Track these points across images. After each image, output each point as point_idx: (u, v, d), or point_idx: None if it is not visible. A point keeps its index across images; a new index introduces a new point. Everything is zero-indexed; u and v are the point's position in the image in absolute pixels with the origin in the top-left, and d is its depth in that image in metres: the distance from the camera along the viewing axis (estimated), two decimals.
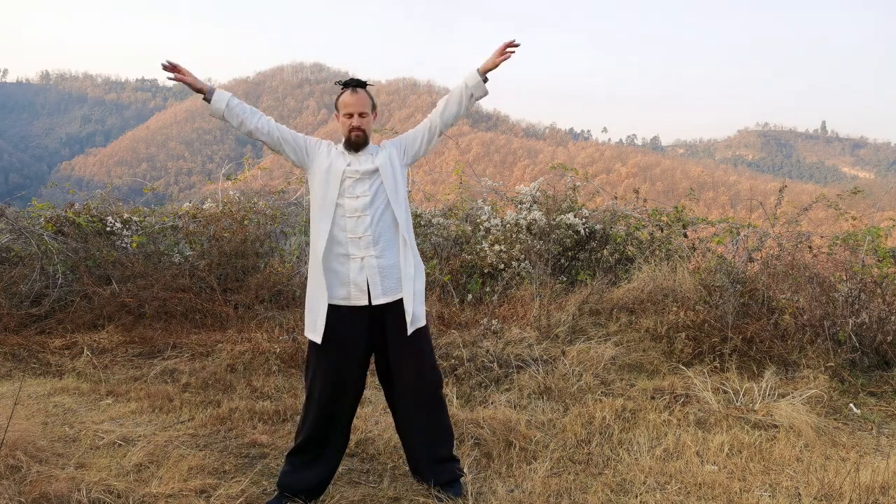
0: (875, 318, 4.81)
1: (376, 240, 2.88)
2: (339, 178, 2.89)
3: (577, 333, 5.44)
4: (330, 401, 2.92)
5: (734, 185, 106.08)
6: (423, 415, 3.01)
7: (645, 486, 3.12)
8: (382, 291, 2.89)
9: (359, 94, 2.92)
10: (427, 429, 3.03)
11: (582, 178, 7.66)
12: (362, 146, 2.94)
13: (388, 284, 2.90)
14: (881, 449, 3.66)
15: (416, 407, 3.01)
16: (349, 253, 2.87)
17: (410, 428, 3.04)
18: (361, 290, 2.88)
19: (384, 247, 2.89)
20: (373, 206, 2.87)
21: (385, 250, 2.89)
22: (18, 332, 5.67)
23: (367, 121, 2.93)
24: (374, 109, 3.01)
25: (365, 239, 2.86)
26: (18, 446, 3.20)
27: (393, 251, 2.92)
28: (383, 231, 2.89)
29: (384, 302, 2.90)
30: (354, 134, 2.91)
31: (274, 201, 7.71)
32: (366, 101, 2.93)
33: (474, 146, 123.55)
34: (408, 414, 3.03)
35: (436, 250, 7.06)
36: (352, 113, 2.90)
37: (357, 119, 2.90)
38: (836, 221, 6.95)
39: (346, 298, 2.89)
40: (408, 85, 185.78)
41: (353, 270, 2.87)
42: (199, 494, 2.97)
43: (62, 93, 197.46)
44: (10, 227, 6.56)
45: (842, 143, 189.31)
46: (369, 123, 2.95)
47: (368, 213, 2.86)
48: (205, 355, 5.28)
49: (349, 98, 2.91)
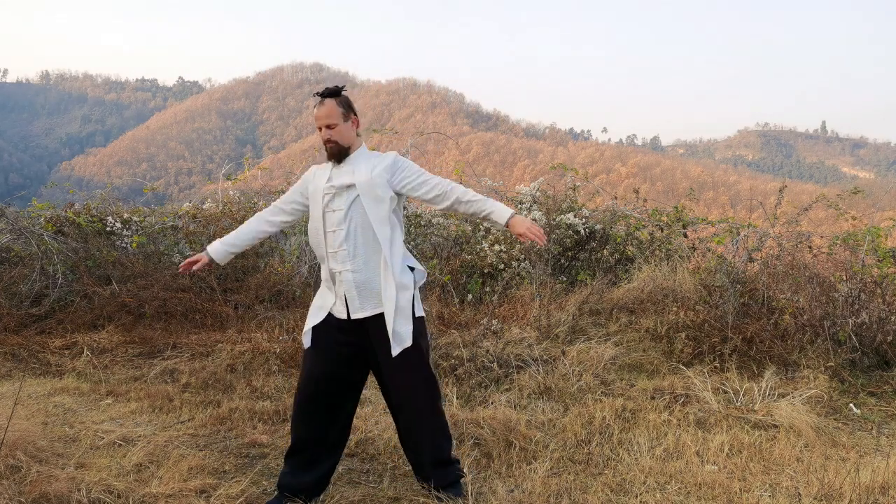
0: (875, 318, 4.81)
1: (353, 254, 2.86)
2: (321, 194, 2.92)
3: (577, 333, 5.44)
4: (315, 400, 2.94)
5: (734, 185, 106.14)
6: (420, 424, 3.00)
7: (645, 486, 3.12)
8: (360, 305, 2.89)
9: (325, 105, 2.90)
10: (426, 436, 3.01)
11: (582, 178, 7.65)
12: (340, 156, 2.93)
13: (365, 298, 2.88)
14: (881, 449, 3.66)
15: (413, 417, 3.00)
16: (331, 267, 2.92)
17: (410, 436, 3.05)
18: (342, 303, 2.91)
19: (363, 262, 2.87)
20: (346, 221, 2.86)
21: (364, 265, 2.87)
22: (18, 332, 5.67)
23: (337, 131, 2.90)
24: (351, 114, 2.94)
25: (341, 253, 2.87)
26: (18, 446, 3.20)
27: (373, 267, 2.88)
28: (361, 246, 2.87)
29: (362, 316, 2.89)
30: (328, 146, 2.93)
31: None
32: (333, 112, 2.89)
33: (474, 146, 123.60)
34: (406, 423, 3.03)
35: (436, 250, 7.06)
36: (320, 126, 2.92)
37: (325, 131, 2.90)
38: (836, 221, 6.95)
39: (332, 309, 2.95)
40: (408, 85, 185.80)
41: (335, 284, 2.92)
42: (199, 494, 2.97)
43: (62, 93, 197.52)
44: (10, 227, 6.56)
45: (842, 143, 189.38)
46: (341, 133, 2.91)
47: (343, 226, 2.87)
48: (205, 355, 5.28)
49: (317, 111, 2.92)
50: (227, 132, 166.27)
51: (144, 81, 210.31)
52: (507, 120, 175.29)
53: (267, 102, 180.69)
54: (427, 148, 33.16)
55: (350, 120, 2.94)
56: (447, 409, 4.02)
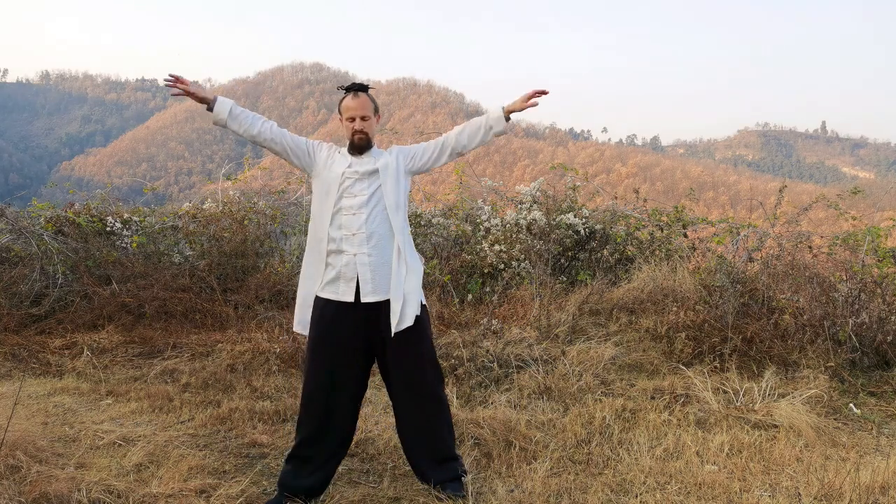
0: (875, 318, 4.81)
1: (370, 237, 2.91)
2: (339, 179, 2.95)
3: (577, 333, 5.44)
4: (323, 399, 2.94)
5: (734, 185, 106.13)
6: (423, 414, 3.02)
7: (645, 486, 3.12)
8: (373, 289, 2.91)
9: (360, 97, 2.98)
10: (428, 429, 3.03)
11: (582, 178, 7.65)
12: (366, 149, 3.00)
13: (378, 282, 2.91)
14: (881, 449, 3.66)
15: (416, 406, 3.01)
16: (342, 249, 2.92)
17: (411, 428, 3.04)
18: (349, 286, 2.91)
19: (377, 245, 2.92)
20: (369, 205, 2.92)
21: (377, 248, 2.92)
22: (18, 332, 5.67)
23: (369, 124, 2.98)
24: (377, 112, 3.05)
25: (359, 236, 2.91)
26: (18, 446, 3.20)
27: (387, 250, 2.94)
28: (377, 229, 2.92)
29: (374, 300, 2.91)
30: (357, 137, 2.97)
31: (274, 201, 7.72)
32: (367, 105, 2.98)
33: None
34: (408, 413, 3.03)
35: (436, 250, 7.06)
36: (354, 117, 2.97)
37: (359, 122, 2.97)
38: (836, 221, 6.96)
39: (334, 293, 2.94)
40: (408, 85, 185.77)
41: (344, 266, 2.92)
42: (199, 494, 2.97)
43: (62, 93, 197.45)
44: (10, 227, 6.56)
45: (842, 143, 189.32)
46: (371, 126, 3.00)
47: (364, 211, 2.91)
48: (205, 355, 5.28)
49: (351, 102, 2.97)
50: (227, 132, 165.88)
51: (144, 81, 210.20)
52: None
53: (267, 102, 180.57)
54: None
55: (377, 116, 3.05)
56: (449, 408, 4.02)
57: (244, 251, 6.77)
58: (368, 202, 2.92)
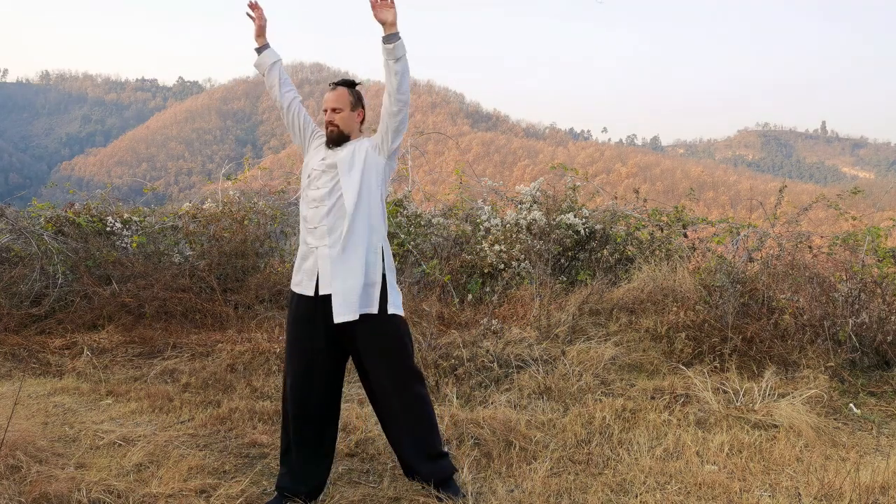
0: (875, 318, 4.81)
1: (331, 230, 2.92)
2: (309, 170, 3.04)
3: (577, 333, 5.44)
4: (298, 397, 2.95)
5: (734, 185, 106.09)
6: (404, 411, 2.98)
7: (645, 486, 3.12)
8: (330, 282, 2.90)
9: (337, 90, 3.03)
10: (412, 426, 2.99)
11: (582, 178, 7.65)
12: (339, 141, 3.02)
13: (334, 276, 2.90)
14: (881, 449, 3.67)
15: (397, 404, 2.98)
16: (307, 242, 2.98)
17: (395, 426, 3.02)
18: (311, 280, 2.94)
19: (339, 238, 2.91)
20: (330, 199, 2.93)
21: (339, 242, 2.91)
22: (18, 332, 5.67)
23: (340, 116, 3.00)
24: (359, 107, 3.06)
25: (320, 229, 2.94)
26: (18, 446, 3.20)
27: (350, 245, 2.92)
28: (337, 224, 2.92)
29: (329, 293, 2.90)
30: (329, 129, 3.02)
31: (274, 201, 7.71)
32: (342, 98, 3.01)
33: (474, 146, 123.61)
34: (390, 413, 3.02)
35: (436, 250, 7.05)
36: (326, 108, 3.02)
37: (330, 114, 3.01)
38: (836, 221, 6.96)
39: (299, 286, 2.99)
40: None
41: (307, 259, 2.97)
42: (199, 494, 2.97)
43: (62, 93, 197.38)
44: (10, 227, 6.56)
45: (842, 143, 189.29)
46: (344, 119, 3.01)
47: (326, 203, 2.94)
48: (205, 355, 5.28)
49: (328, 94, 3.05)
50: (227, 132, 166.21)
51: (144, 81, 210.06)
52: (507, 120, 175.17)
53: (267, 102, 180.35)
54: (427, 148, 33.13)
55: (357, 111, 3.04)
56: (447, 409, 4.02)
57: (244, 251, 6.77)
58: (330, 195, 2.93)
